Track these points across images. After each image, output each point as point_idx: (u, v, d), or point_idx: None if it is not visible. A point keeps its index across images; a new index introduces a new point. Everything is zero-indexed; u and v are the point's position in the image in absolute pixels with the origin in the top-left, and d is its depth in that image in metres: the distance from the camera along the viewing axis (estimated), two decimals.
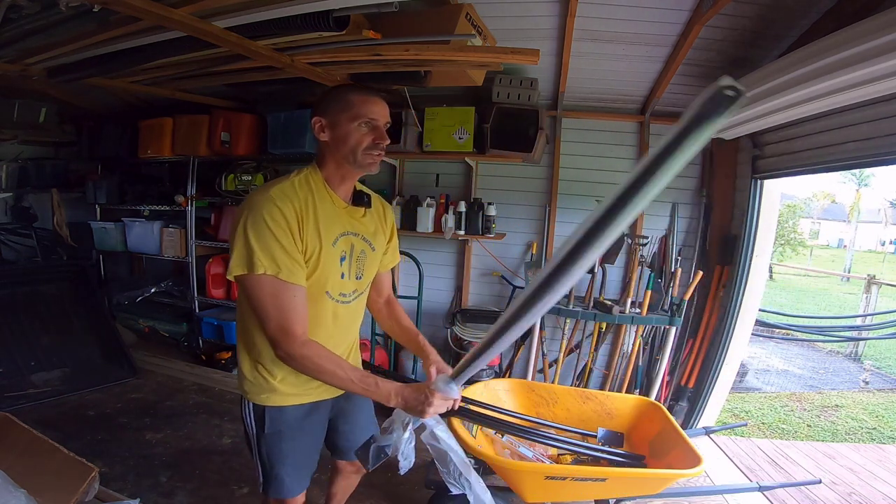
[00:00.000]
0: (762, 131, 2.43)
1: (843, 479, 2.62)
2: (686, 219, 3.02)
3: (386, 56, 2.11)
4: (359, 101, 1.13)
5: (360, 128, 1.13)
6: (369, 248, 1.27)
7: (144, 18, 1.70)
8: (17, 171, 3.76)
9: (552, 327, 3.10)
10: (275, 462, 1.25)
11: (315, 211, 1.13)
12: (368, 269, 1.28)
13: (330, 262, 1.16)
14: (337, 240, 1.17)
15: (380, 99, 1.16)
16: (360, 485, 2.18)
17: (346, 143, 1.13)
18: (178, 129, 3.37)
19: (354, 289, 1.25)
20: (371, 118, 1.13)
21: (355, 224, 1.23)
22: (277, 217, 1.05)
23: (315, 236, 1.12)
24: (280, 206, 1.06)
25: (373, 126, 1.14)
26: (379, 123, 1.15)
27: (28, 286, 3.31)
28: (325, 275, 1.15)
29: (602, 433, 2.10)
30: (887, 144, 1.81)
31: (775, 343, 6.41)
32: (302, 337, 1.07)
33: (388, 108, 1.18)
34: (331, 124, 1.14)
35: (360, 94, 1.14)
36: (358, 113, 1.12)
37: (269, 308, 1.06)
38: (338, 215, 1.19)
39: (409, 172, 3.38)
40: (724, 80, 0.60)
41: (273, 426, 1.23)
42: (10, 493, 1.38)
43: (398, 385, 1.12)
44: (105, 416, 2.72)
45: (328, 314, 1.21)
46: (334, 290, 1.20)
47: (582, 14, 2.16)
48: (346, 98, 1.14)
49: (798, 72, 1.71)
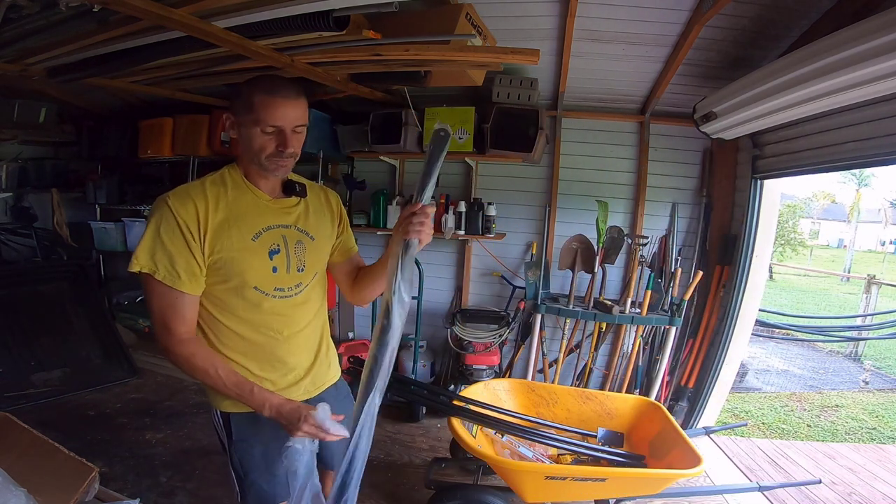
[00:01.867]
0: (762, 131, 2.43)
1: (843, 479, 2.62)
2: (686, 219, 3.02)
3: (386, 56, 2.11)
4: (260, 103, 1.04)
5: (261, 134, 1.05)
6: (307, 238, 1.21)
7: (144, 18, 1.70)
8: (17, 171, 3.75)
9: (552, 327, 3.10)
10: (248, 469, 1.20)
11: (228, 207, 1.09)
12: (311, 259, 1.22)
13: (252, 256, 1.10)
14: (260, 234, 1.12)
15: (284, 99, 1.05)
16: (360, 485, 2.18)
17: (251, 147, 1.08)
18: (178, 129, 3.37)
19: (298, 282, 1.19)
20: (272, 124, 1.05)
21: (285, 216, 1.18)
22: (169, 219, 1.02)
23: (226, 234, 1.07)
24: (175, 209, 1.03)
25: (277, 131, 1.06)
26: (283, 128, 1.06)
27: (28, 286, 3.31)
28: (246, 271, 1.10)
29: (602, 433, 2.11)
30: (887, 144, 1.81)
31: (775, 343, 6.41)
32: (182, 335, 1.05)
33: (299, 106, 1.07)
34: (237, 123, 1.09)
35: (262, 95, 1.04)
36: (258, 117, 1.04)
37: (153, 304, 1.06)
38: (261, 209, 1.14)
39: (409, 172, 3.38)
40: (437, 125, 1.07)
41: (240, 433, 1.18)
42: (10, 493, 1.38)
43: (279, 399, 1.08)
44: (105, 416, 2.72)
45: (265, 310, 1.14)
46: (265, 286, 1.13)
47: (582, 14, 2.16)
48: (249, 99, 1.05)
49: (798, 72, 1.71)
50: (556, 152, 3.09)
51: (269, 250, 1.13)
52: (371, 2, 1.70)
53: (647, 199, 3.03)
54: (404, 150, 2.97)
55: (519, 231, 3.23)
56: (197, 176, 3.38)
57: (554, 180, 3.12)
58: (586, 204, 3.02)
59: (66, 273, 3.52)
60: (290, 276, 1.16)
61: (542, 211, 3.15)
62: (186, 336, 1.06)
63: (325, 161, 3.24)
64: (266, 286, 1.13)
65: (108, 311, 3.63)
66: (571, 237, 2.84)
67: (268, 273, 1.13)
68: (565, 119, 3.06)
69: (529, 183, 3.18)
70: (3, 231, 3.66)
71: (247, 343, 1.15)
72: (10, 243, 3.67)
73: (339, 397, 1.35)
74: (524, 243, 3.24)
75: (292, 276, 1.17)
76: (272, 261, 1.13)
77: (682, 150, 2.99)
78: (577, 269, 2.81)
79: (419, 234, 1.06)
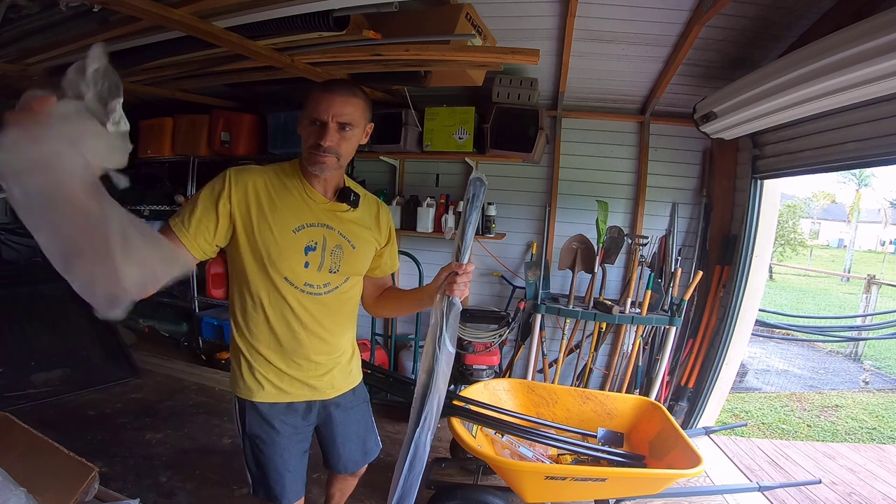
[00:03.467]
0: (762, 131, 2.43)
1: (843, 479, 2.62)
2: (686, 219, 3.03)
3: (386, 56, 2.11)
4: (311, 98, 1.12)
5: (307, 126, 1.13)
6: (348, 245, 1.23)
7: (144, 18, 1.70)
8: None
9: (552, 327, 3.10)
10: (263, 464, 1.23)
11: (280, 195, 1.15)
12: (346, 265, 1.24)
13: (288, 247, 1.14)
14: (302, 227, 1.16)
15: (330, 94, 1.10)
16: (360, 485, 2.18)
17: (302, 141, 1.16)
18: (178, 129, 3.37)
19: (327, 282, 1.21)
20: (315, 117, 1.11)
21: (333, 219, 1.21)
22: (217, 186, 1.11)
23: (270, 218, 1.13)
24: (229, 179, 1.11)
25: (320, 124, 1.11)
26: (325, 120, 1.10)
27: (28, 286, 3.31)
28: (280, 259, 1.14)
29: (602, 433, 2.11)
30: (887, 144, 1.81)
31: (775, 343, 6.41)
32: None
33: (347, 103, 1.11)
34: (300, 119, 1.16)
35: (315, 92, 1.12)
36: (309, 111, 1.12)
37: None
38: (309, 206, 1.18)
39: (409, 172, 3.38)
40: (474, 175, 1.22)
41: (251, 427, 1.22)
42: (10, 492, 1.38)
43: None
44: (105, 416, 2.72)
45: (294, 303, 1.18)
46: (296, 279, 1.17)
47: (582, 14, 2.16)
48: (308, 94, 1.14)
49: (798, 72, 1.71)
50: (556, 152, 3.09)
51: (305, 245, 1.16)
52: (371, 2, 1.70)
53: (647, 199, 3.03)
54: (404, 150, 2.97)
55: (519, 231, 3.23)
56: (197, 176, 3.42)
57: (554, 180, 3.12)
58: (586, 204, 3.02)
59: None
60: (320, 274, 1.19)
61: (542, 211, 3.15)
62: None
63: None
64: (297, 279, 1.17)
65: None
66: (571, 237, 2.84)
67: (300, 267, 1.16)
68: (565, 119, 3.06)
69: (529, 183, 3.18)
70: (3, 231, 3.66)
71: (274, 336, 1.19)
72: (10, 243, 3.67)
73: (355, 402, 1.40)
74: (524, 243, 3.24)
75: (323, 275, 1.20)
76: (306, 256, 1.16)
77: (682, 150, 2.99)
78: (577, 269, 2.81)
79: (463, 294, 1.14)
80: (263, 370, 1.20)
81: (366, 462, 1.49)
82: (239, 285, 1.19)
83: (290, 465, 1.24)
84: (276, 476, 1.23)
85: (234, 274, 1.21)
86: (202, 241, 1.10)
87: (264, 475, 1.23)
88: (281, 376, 1.21)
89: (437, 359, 1.14)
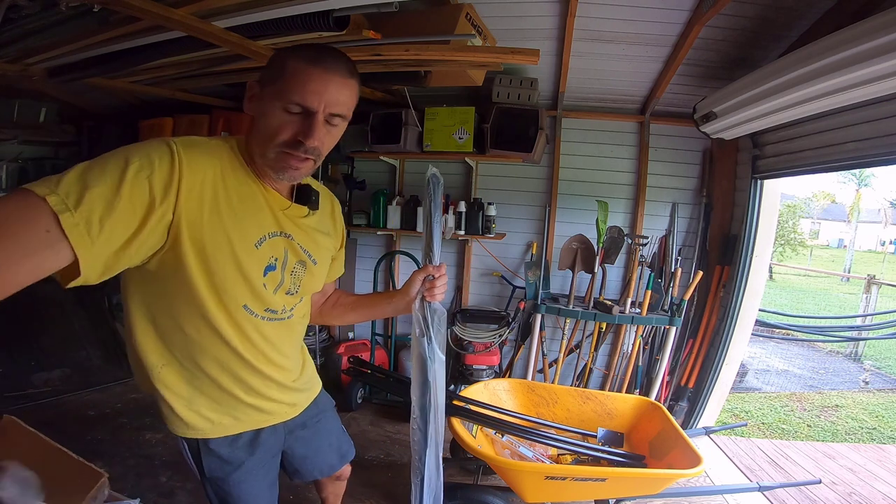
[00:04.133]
0: (762, 131, 2.43)
1: (843, 479, 2.62)
2: (686, 219, 3.03)
3: (386, 56, 2.11)
4: (293, 71, 0.76)
5: (281, 112, 0.78)
6: (309, 261, 0.97)
7: (144, 18, 1.70)
8: (17, 171, 3.75)
9: (552, 327, 3.10)
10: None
11: (235, 192, 0.82)
12: (305, 285, 0.99)
13: (249, 266, 0.85)
14: (263, 239, 0.87)
15: (325, 72, 0.77)
16: (360, 485, 2.18)
17: (264, 128, 0.80)
18: (178, 129, 3.36)
19: (284, 305, 0.96)
20: (300, 102, 0.77)
21: (292, 227, 0.93)
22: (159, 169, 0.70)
23: (220, 222, 0.79)
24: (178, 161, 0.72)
25: (304, 113, 0.78)
26: (314, 110, 0.78)
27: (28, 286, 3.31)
28: (236, 282, 0.84)
29: (602, 433, 2.11)
30: (887, 144, 1.81)
31: (775, 343, 6.41)
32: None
33: (345, 87, 0.80)
34: (259, 95, 0.82)
35: (301, 63, 0.77)
36: (285, 88, 0.76)
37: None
38: (271, 209, 0.89)
39: (409, 172, 3.38)
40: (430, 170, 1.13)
41: (211, 469, 0.99)
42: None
43: None
44: (105, 416, 2.72)
45: (254, 335, 0.92)
46: (257, 306, 0.90)
47: (582, 14, 2.16)
48: (283, 64, 0.78)
49: (798, 72, 1.71)
50: (556, 152, 3.09)
51: (266, 264, 0.89)
52: (371, 2, 1.70)
53: (647, 199, 3.03)
54: (404, 150, 2.97)
55: (519, 231, 3.23)
56: None
57: (554, 180, 3.12)
58: (586, 204, 3.02)
59: None
60: (276, 297, 0.93)
61: (542, 211, 3.15)
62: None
63: (325, 161, 3.23)
64: (257, 306, 0.90)
65: (108, 311, 3.63)
66: (571, 237, 2.84)
67: (260, 289, 0.89)
68: (565, 119, 3.06)
69: (529, 183, 3.18)
70: None
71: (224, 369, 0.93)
72: None
73: (319, 413, 1.21)
74: (524, 243, 3.24)
75: (279, 298, 0.94)
76: (265, 277, 0.89)
77: (682, 150, 2.99)
78: (577, 269, 2.81)
79: (443, 296, 1.07)
80: (211, 403, 0.95)
81: (342, 464, 1.32)
82: (171, 313, 0.85)
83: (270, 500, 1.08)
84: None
85: (157, 298, 0.85)
86: (107, 253, 0.67)
87: None
88: (235, 405, 0.97)
89: (430, 369, 1.06)
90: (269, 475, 1.08)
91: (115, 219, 0.66)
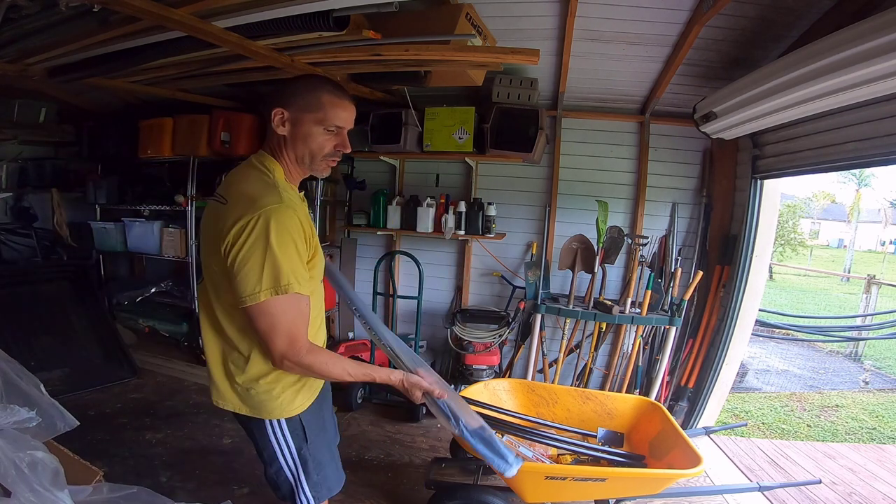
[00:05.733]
0: (762, 131, 2.43)
1: (843, 479, 2.62)
2: (686, 219, 3.03)
3: (386, 56, 2.11)
4: (330, 103, 1.07)
5: (324, 132, 1.08)
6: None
7: (145, 18, 1.70)
8: (17, 171, 3.75)
9: (552, 327, 3.10)
10: (322, 463, 1.21)
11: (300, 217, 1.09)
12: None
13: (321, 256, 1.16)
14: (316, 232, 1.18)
15: (350, 103, 1.11)
16: (360, 485, 2.18)
17: (306, 145, 1.08)
18: (178, 129, 3.36)
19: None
20: (337, 124, 1.09)
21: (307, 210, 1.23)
22: (296, 225, 1.01)
23: (312, 232, 1.10)
24: (299, 215, 1.03)
25: (338, 132, 1.10)
26: (343, 130, 1.11)
27: (28, 286, 3.31)
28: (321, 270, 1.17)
29: (602, 433, 2.11)
30: (887, 144, 1.81)
31: (775, 343, 6.42)
32: (307, 343, 1.05)
33: (354, 110, 1.13)
34: (294, 120, 1.07)
35: (332, 97, 1.08)
36: (326, 117, 1.07)
37: (283, 323, 1.00)
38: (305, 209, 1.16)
39: (409, 172, 3.38)
40: None
41: (313, 430, 1.19)
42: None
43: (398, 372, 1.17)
44: (105, 416, 2.72)
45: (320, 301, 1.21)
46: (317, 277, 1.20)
47: (582, 14, 2.16)
48: (318, 97, 1.06)
49: (798, 72, 1.71)
50: (556, 152, 3.09)
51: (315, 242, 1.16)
52: (371, 2, 1.70)
53: (647, 199, 3.03)
54: (404, 150, 2.97)
55: (519, 231, 3.23)
56: (197, 176, 3.41)
57: (554, 180, 3.12)
58: (586, 204, 3.02)
59: (66, 273, 3.52)
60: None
61: (542, 211, 3.15)
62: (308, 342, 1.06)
63: None
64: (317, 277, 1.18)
65: (108, 311, 3.63)
66: (571, 237, 2.84)
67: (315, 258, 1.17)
68: (565, 119, 3.06)
69: (529, 183, 3.18)
70: (3, 231, 3.66)
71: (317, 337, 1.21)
72: (10, 243, 3.66)
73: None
74: (524, 243, 3.24)
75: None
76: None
77: (682, 150, 2.99)
78: (577, 269, 2.81)
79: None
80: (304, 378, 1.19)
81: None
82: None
83: (335, 451, 1.30)
84: (334, 468, 1.25)
85: None
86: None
87: (325, 476, 1.22)
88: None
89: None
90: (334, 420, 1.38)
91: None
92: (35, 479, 1.23)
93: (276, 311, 0.99)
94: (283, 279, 0.97)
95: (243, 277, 0.97)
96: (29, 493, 1.19)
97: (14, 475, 1.21)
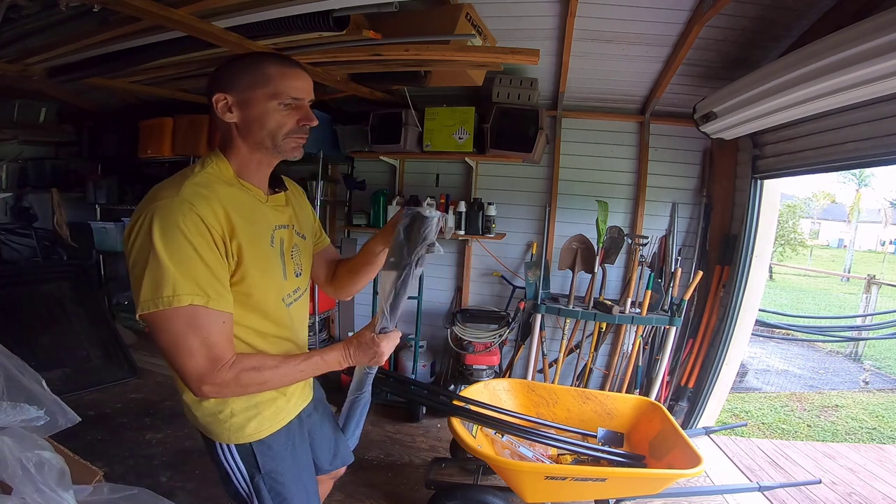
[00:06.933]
0: (762, 131, 2.43)
1: (843, 479, 2.62)
2: (686, 219, 3.03)
3: (386, 56, 2.11)
4: (279, 73, 0.93)
5: (280, 107, 0.94)
6: (301, 240, 1.12)
7: (145, 18, 1.70)
8: (17, 171, 3.76)
9: (552, 327, 3.10)
10: (287, 498, 1.09)
11: (239, 209, 0.93)
12: (305, 262, 1.13)
13: (275, 265, 1.00)
14: (272, 237, 1.00)
15: (303, 71, 0.98)
16: (360, 485, 2.19)
17: (263, 126, 0.94)
18: (178, 129, 3.36)
19: (297, 287, 1.09)
20: (295, 96, 0.95)
21: (280, 215, 1.06)
22: (198, 225, 0.84)
23: (247, 240, 0.92)
24: (200, 211, 0.85)
25: (297, 105, 0.96)
26: (304, 102, 0.97)
27: (28, 286, 3.31)
28: (276, 281, 1.00)
29: (602, 433, 2.11)
30: (887, 144, 1.81)
31: (775, 343, 6.41)
32: (230, 359, 0.89)
33: (311, 81, 1.00)
34: (241, 102, 0.93)
35: (279, 66, 0.95)
36: (279, 89, 0.93)
37: (193, 344, 0.84)
38: (263, 209, 1.01)
39: (409, 172, 3.38)
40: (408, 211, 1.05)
41: (272, 461, 1.06)
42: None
43: (341, 346, 1.02)
44: (105, 416, 2.72)
45: (291, 322, 1.07)
46: (286, 296, 1.05)
47: (582, 14, 2.16)
48: (262, 70, 0.93)
49: (798, 72, 1.71)
50: (556, 152, 3.09)
51: (279, 255, 1.02)
52: (371, 2, 1.70)
53: (647, 199, 3.03)
54: (404, 150, 2.97)
55: (519, 231, 3.23)
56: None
57: (554, 180, 3.12)
58: (586, 204, 3.02)
59: (66, 273, 3.52)
60: (291, 281, 1.06)
61: (542, 211, 3.15)
62: (233, 356, 0.90)
63: (325, 161, 3.24)
64: (286, 296, 1.05)
65: (108, 311, 3.63)
66: (571, 237, 2.84)
67: (282, 280, 1.03)
68: (565, 119, 3.06)
69: (529, 183, 3.18)
70: (3, 231, 3.66)
71: None
72: (10, 243, 3.66)
73: (320, 396, 1.31)
74: (524, 243, 3.24)
75: (293, 282, 1.07)
76: (284, 267, 1.04)
77: (682, 150, 2.99)
78: (577, 269, 2.81)
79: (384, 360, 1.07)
80: (267, 401, 1.06)
81: (335, 466, 1.36)
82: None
83: (311, 486, 1.15)
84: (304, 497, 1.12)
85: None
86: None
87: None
88: (285, 394, 1.09)
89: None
90: (308, 455, 1.18)
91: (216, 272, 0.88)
92: (41, 479, 1.23)
93: (170, 328, 0.83)
94: (167, 289, 0.80)
95: (133, 287, 0.84)
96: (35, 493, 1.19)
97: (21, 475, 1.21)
